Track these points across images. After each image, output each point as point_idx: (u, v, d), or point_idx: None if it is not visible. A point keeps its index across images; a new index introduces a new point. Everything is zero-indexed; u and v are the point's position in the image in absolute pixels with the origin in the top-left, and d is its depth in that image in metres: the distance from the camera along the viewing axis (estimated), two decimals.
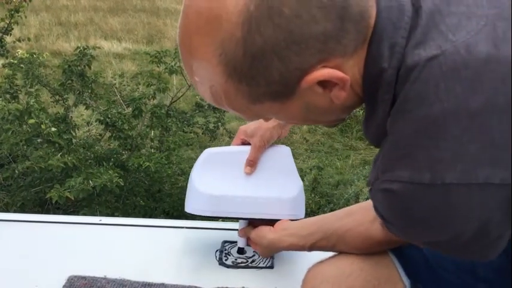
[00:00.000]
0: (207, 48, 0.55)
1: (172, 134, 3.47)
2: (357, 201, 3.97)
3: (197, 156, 1.14)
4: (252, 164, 1.10)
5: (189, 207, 1.12)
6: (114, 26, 7.41)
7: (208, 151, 1.14)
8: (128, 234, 1.25)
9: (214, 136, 4.07)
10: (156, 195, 3.43)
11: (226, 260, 1.16)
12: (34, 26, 7.13)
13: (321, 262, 0.88)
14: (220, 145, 5.26)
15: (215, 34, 0.54)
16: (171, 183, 3.50)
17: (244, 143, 1.13)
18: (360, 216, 0.85)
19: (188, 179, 1.12)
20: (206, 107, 3.87)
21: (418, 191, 0.54)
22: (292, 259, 1.16)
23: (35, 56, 3.00)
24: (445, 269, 0.82)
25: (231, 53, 0.54)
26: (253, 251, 1.18)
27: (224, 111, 4.22)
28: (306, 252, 1.12)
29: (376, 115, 0.59)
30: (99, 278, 1.07)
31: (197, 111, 3.90)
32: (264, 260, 1.16)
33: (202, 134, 3.83)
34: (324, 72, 0.55)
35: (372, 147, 5.10)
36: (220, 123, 3.83)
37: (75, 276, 1.08)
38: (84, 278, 1.07)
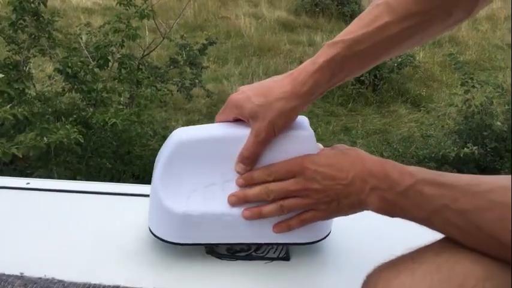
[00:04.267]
0: None
1: (143, 90, 2.97)
2: None
3: (170, 118, 0.66)
4: (248, 162, 0.64)
5: (156, 229, 0.68)
6: None
7: (179, 137, 0.65)
8: (68, 205, 0.80)
9: (190, 95, 3.59)
10: (125, 158, 2.96)
11: (217, 246, 0.73)
12: None
13: (401, 265, 0.46)
14: (197, 108, 4.78)
15: None
16: (142, 144, 3.03)
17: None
18: None
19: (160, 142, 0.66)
20: (182, 63, 3.38)
21: None
22: (312, 248, 0.73)
23: None
24: None
25: None
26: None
27: (201, 68, 3.73)
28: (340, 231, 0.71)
29: None
30: (10, 276, 0.63)
31: (172, 67, 3.41)
32: (275, 248, 0.73)
33: (178, 91, 3.35)
34: None
35: (353, 113, 4.74)
36: (197, 81, 3.35)
37: None
38: None
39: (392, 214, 0.55)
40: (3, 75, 2.14)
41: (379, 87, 4.80)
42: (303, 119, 0.68)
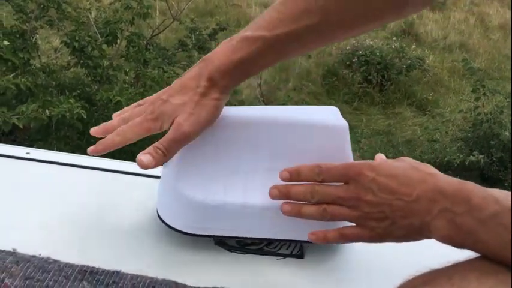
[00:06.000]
0: None
1: (150, 71, 2.91)
2: None
3: None
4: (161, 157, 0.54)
5: (166, 215, 0.63)
6: None
7: None
8: (69, 180, 0.75)
9: None
10: None
11: (227, 238, 0.67)
12: None
13: (438, 286, 0.40)
14: None
15: None
16: None
17: None
18: None
19: None
20: (190, 46, 3.31)
21: None
22: (329, 248, 0.68)
23: None
24: None
25: None
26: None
27: None
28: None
29: None
30: (1, 252, 0.57)
31: (180, 50, 3.34)
32: (289, 244, 0.68)
33: None
34: None
35: (358, 112, 4.69)
36: None
37: None
38: None
39: (461, 244, 0.45)
40: (8, 43, 2.07)
41: (386, 87, 4.75)
42: (333, 109, 0.62)
